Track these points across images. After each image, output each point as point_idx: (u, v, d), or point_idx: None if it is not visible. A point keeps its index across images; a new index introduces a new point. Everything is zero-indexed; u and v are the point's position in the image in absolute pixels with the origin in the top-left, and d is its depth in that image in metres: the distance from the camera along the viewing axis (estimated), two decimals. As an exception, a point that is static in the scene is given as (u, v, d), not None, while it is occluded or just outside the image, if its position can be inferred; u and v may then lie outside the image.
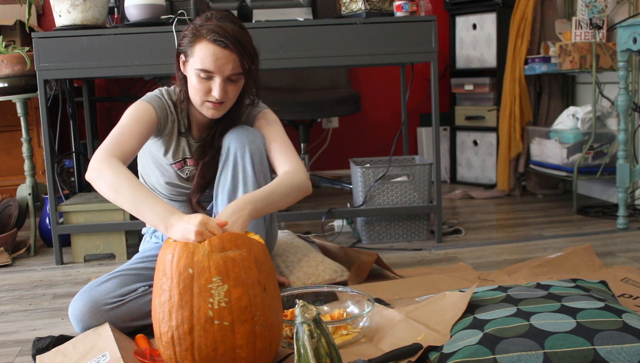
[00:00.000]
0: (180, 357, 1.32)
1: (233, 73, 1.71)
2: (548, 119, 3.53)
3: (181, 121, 1.86)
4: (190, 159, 1.89)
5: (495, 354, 1.30)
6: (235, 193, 1.79)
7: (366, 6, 2.51)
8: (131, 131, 1.71)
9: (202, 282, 1.31)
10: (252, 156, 1.78)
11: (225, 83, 1.72)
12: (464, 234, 2.73)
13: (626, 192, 2.75)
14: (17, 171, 3.41)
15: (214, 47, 1.67)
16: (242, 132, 1.81)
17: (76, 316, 1.63)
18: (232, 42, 1.67)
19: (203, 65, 1.68)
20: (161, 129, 1.82)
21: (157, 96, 1.83)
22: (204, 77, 1.70)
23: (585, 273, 2.02)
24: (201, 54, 1.68)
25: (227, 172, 1.80)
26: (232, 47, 1.68)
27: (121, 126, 1.72)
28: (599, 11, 3.05)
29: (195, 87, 1.73)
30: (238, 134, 1.80)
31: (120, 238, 2.55)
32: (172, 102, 1.84)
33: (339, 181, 3.66)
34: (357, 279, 2.06)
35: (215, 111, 1.76)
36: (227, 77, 1.71)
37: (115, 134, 1.70)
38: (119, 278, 1.71)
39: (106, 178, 1.58)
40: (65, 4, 2.36)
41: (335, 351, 1.26)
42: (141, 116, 1.75)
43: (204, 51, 1.68)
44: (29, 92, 2.65)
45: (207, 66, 1.68)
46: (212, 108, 1.75)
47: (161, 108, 1.80)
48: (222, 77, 1.70)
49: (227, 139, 1.82)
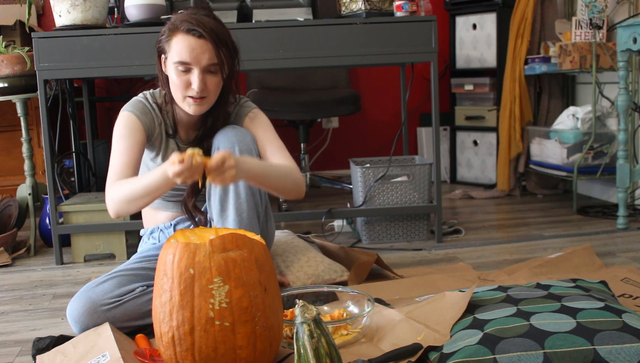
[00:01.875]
0: (181, 357, 1.32)
1: (210, 63, 1.70)
2: (548, 119, 3.53)
3: (168, 123, 1.85)
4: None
5: (495, 354, 1.30)
6: (226, 193, 1.78)
7: (366, 6, 2.51)
8: (123, 152, 1.73)
9: (203, 282, 1.31)
10: (241, 155, 1.77)
11: (204, 75, 1.71)
12: (464, 234, 2.73)
13: (626, 192, 2.75)
14: (17, 171, 3.41)
15: (188, 37, 1.68)
16: (231, 131, 1.80)
17: (74, 317, 1.63)
18: (205, 30, 1.67)
19: (179, 57, 1.68)
20: (150, 134, 1.81)
21: (140, 101, 1.82)
22: (182, 70, 1.70)
23: (585, 273, 2.02)
24: (177, 46, 1.69)
25: None
26: (207, 36, 1.68)
27: (113, 151, 1.75)
28: (599, 11, 3.05)
29: (175, 83, 1.72)
30: (226, 134, 1.79)
31: (120, 238, 2.55)
32: (157, 105, 1.84)
33: (339, 181, 3.66)
34: (357, 279, 2.06)
35: (197, 107, 1.74)
36: (205, 69, 1.70)
37: (112, 162, 1.73)
38: (116, 278, 1.70)
39: (117, 200, 1.66)
40: (65, 4, 2.36)
41: (335, 351, 1.26)
42: (127, 131, 1.75)
43: (180, 42, 1.68)
44: (29, 92, 2.65)
45: (184, 57, 1.68)
46: (194, 104, 1.73)
47: (145, 114, 1.80)
48: (200, 67, 1.69)
49: (216, 140, 1.81)
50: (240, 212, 1.77)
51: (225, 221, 1.78)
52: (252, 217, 1.79)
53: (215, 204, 1.79)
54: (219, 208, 1.79)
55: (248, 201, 1.78)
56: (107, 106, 3.88)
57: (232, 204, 1.77)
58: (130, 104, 1.81)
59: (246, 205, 1.78)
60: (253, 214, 1.79)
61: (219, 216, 1.79)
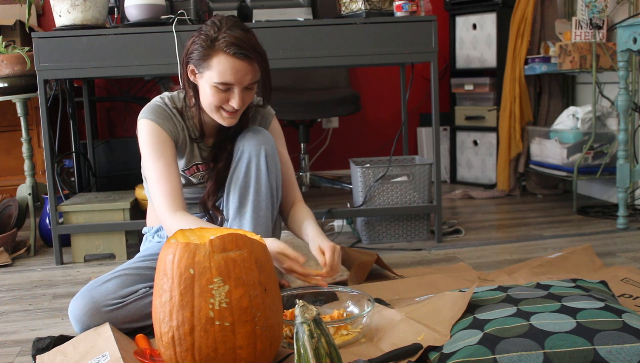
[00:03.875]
0: (181, 358, 1.32)
1: (252, 82, 1.72)
2: (548, 119, 3.53)
3: (191, 128, 1.85)
4: (201, 165, 1.89)
5: (495, 354, 1.30)
6: (246, 189, 1.79)
7: (366, 6, 2.51)
8: (167, 171, 1.73)
9: (203, 283, 1.31)
10: (266, 156, 1.79)
11: (243, 92, 1.72)
12: (464, 234, 2.73)
13: (626, 192, 2.75)
14: (17, 171, 3.41)
15: (233, 60, 1.66)
16: (256, 133, 1.82)
17: (76, 317, 1.63)
18: (251, 52, 1.67)
19: (222, 79, 1.67)
20: (176, 141, 1.81)
21: (160, 106, 1.80)
22: (222, 89, 1.69)
23: (585, 273, 2.02)
24: (220, 67, 1.66)
25: (240, 170, 1.80)
26: (253, 58, 1.67)
27: (155, 170, 1.73)
28: (599, 11, 3.05)
29: (210, 98, 1.71)
30: (253, 136, 1.81)
31: (120, 238, 2.55)
32: (177, 110, 1.82)
33: (339, 181, 3.66)
34: (357, 279, 2.06)
35: (231, 120, 1.76)
36: (246, 87, 1.72)
37: (161, 186, 1.72)
38: (120, 278, 1.70)
39: None
40: (65, 4, 2.36)
41: (335, 351, 1.26)
42: (160, 146, 1.75)
43: (223, 64, 1.66)
44: (29, 92, 2.65)
45: (227, 79, 1.67)
46: (229, 117, 1.75)
47: (168, 121, 1.78)
48: (241, 87, 1.70)
49: (240, 141, 1.82)
50: (257, 210, 1.79)
51: (242, 217, 1.80)
52: (268, 217, 1.81)
53: (234, 199, 1.80)
54: (237, 205, 1.80)
55: (266, 200, 1.80)
56: (107, 106, 3.87)
57: (251, 202, 1.79)
58: (151, 111, 1.78)
59: (264, 204, 1.80)
60: (269, 214, 1.81)
61: (235, 213, 1.80)
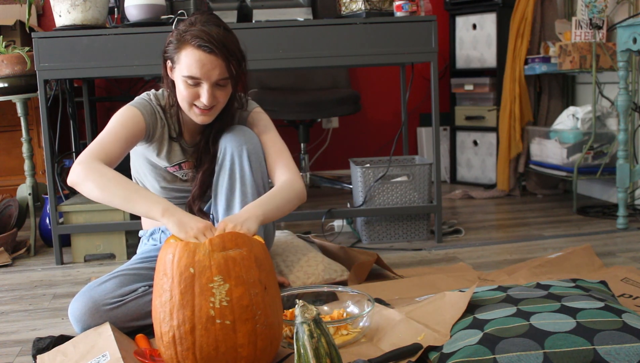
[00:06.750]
0: (182, 357, 1.32)
1: (220, 78, 1.69)
2: (548, 119, 3.53)
3: (172, 126, 1.84)
4: (185, 163, 1.88)
5: (495, 354, 1.30)
6: (232, 192, 1.78)
7: (366, 6, 2.51)
8: (117, 135, 1.70)
9: (204, 281, 1.31)
10: (249, 156, 1.78)
11: (214, 89, 1.70)
12: (464, 234, 2.73)
13: (626, 192, 2.75)
14: (17, 171, 3.41)
15: (199, 52, 1.65)
16: (238, 132, 1.81)
17: (76, 317, 1.63)
18: (217, 46, 1.65)
19: (189, 72, 1.67)
20: (150, 135, 1.80)
21: (146, 100, 1.81)
22: (191, 84, 1.69)
23: (585, 273, 2.02)
24: (187, 60, 1.66)
25: (225, 172, 1.80)
26: (218, 52, 1.65)
27: (107, 130, 1.72)
28: (599, 11, 3.05)
29: (182, 93, 1.71)
30: (234, 135, 1.80)
31: (120, 238, 2.55)
32: (161, 107, 1.83)
33: (339, 181, 3.66)
34: (357, 279, 2.06)
35: (204, 117, 1.75)
36: (215, 83, 1.70)
37: (100, 138, 1.70)
38: (118, 278, 1.70)
39: (92, 179, 1.59)
40: (65, 4, 2.36)
41: (335, 351, 1.26)
42: (129, 121, 1.73)
43: (190, 57, 1.66)
44: (29, 92, 2.65)
45: (194, 73, 1.67)
46: (201, 114, 1.74)
47: (150, 114, 1.79)
48: (210, 83, 1.68)
49: (222, 142, 1.81)
50: None
51: None
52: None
53: (222, 202, 1.80)
54: (225, 206, 1.80)
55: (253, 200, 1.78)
56: (107, 106, 3.87)
57: (238, 203, 1.78)
58: (137, 101, 1.80)
59: None
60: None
61: (224, 214, 1.80)
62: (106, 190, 1.58)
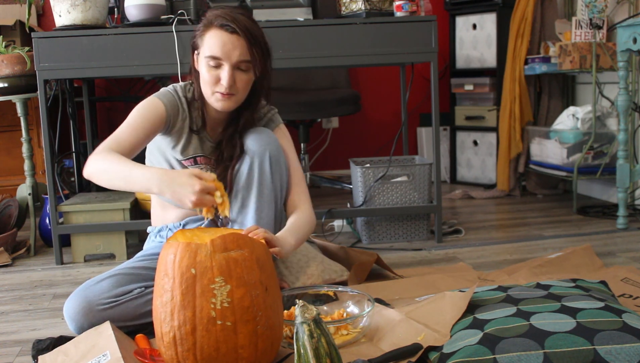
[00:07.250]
0: (182, 357, 1.32)
1: (241, 60, 1.70)
2: (548, 119, 3.53)
3: (194, 119, 1.84)
4: (201, 158, 1.87)
5: (495, 354, 1.30)
6: (249, 190, 1.79)
7: (366, 6, 2.51)
8: (132, 125, 1.72)
9: (205, 282, 1.31)
10: (270, 157, 1.79)
11: (234, 72, 1.71)
12: (464, 234, 2.73)
13: (626, 192, 2.75)
14: (17, 171, 3.41)
15: (221, 32, 1.69)
16: (262, 133, 1.82)
17: (70, 316, 1.64)
18: (240, 27, 1.68)
19: (211, 51, 1.69)
20: (170, 126, 1.80)
21: (169, 91, 1.82)
22: (212, 65, 1.70)
23: (585, 273, 2.02)
24: (210, 41, 1.70)
25: (243, 170, 1.80)
26: (240, 32, 1.68)
27: (125, 122, 1.74)
28: (599, 11, 3.05)
29: (204, 77, 1.73)
30: (258, 135, 1.81)
31: (120, 238, 2.55)
32: (186, 98, 1.83)
33: (339, 181, 3.66)
34: (357, 279, 2.06)
35: (224, 103, 1.74)
36: (236, 65, 1.70)
37: (117, 131, 1.72)
38: (114, 277, 1.69)
39: (98, 165, 1.62)
40: (65, 4, 2.36)
41: (335, 351, 1.26)
42: (149, 112, 1.75)
43: (213, 37, 1.69)
44: (29, 92, 2.65)
45: (215, 52, 1.69)
46: (222, 99, 1.74)
47: (172, 104, 1.79)
48: (230, 63, 1.69)
49: (246, 140, 1.82)
50: (259, 211, 1.79)
51: (245, 218, 1.80)
52: (270, 218, 1.81)
53: (237, 202, 1.81)
54: (240, 205, 1.80)
55: (269, 202, 1.80)
56: (107, 106, 3.87)
57: (253, 203, 1.79)
58: (161, 92, 1.82)
59: (267, 205, 1.80)
60: (271, 215, 1.81)
61: (237, 214, 1.81)
62: (107, 173, 1.62)
